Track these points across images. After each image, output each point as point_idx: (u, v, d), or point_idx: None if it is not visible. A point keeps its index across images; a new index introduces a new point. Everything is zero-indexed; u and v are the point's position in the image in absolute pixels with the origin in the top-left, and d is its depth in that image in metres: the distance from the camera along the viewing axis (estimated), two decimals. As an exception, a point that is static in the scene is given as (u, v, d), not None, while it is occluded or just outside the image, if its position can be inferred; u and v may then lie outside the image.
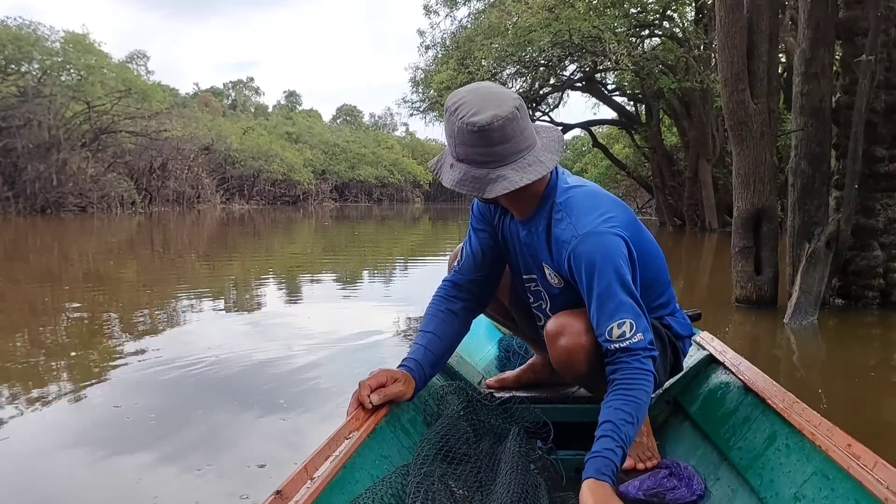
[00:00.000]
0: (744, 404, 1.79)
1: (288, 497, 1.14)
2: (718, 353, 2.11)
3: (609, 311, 1.59)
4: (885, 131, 6.01)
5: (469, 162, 1.58)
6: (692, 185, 19.20)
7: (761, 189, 6.00)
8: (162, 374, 3.74)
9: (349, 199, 56.47)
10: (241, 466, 2.46)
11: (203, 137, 36.80)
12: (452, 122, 1.58)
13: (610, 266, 1.60)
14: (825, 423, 1.42)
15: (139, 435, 2.82)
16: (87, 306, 5.99)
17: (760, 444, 1.60)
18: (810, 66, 5.84)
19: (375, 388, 1.60)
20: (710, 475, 1.71)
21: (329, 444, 1.37)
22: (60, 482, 2.37)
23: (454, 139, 1.59)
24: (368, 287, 7.95)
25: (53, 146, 25.23)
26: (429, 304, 1.89)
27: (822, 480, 1.33)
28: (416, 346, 1.79)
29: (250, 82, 79.03)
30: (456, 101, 1.58)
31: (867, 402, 3.60)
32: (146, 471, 2.42)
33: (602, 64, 17.65)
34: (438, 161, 1.69)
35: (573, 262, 1.64)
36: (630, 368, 1.58)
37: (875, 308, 6.02)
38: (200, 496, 2.21)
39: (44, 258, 10.70)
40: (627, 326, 1.59)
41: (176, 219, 24.17)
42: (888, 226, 6.04)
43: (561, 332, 1.68)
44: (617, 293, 1.60)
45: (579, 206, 1.68)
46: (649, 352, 1.61)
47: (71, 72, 27.18)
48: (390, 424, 1.67)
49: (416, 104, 23.19)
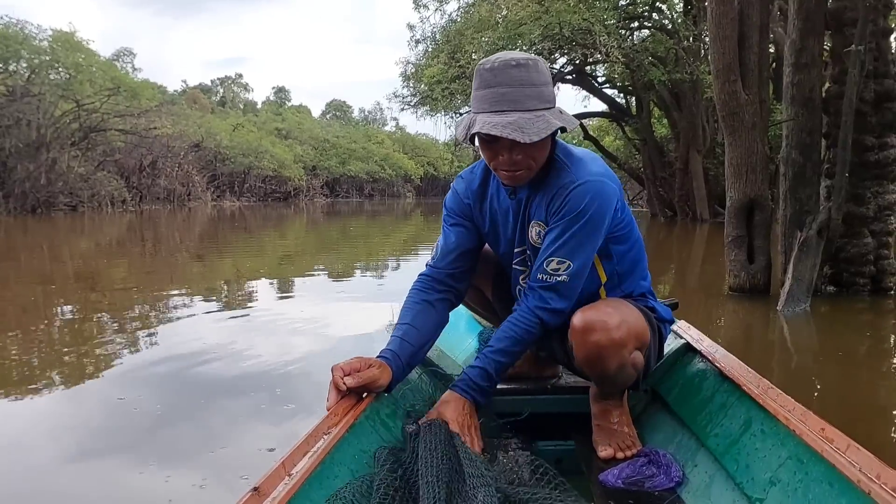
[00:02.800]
0: (720, 391, 1.81)
1: (265, 494, 1.13)
2: (695, 341, 2.12)
3: (566, 248, 1.67)
4: (875, 120, 6.08)
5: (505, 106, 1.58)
6: (683, 176, 19.30)
7: (753, 179, 6.06)
8: (158, 369, 3.77)
9: (340, 194, 56.33)
10: (250, 451, 2.50)
11: (193, 135, 36.57)
12: (489, 70, 1.60)
13: (597, 216, 1.67)
14: (799, 407, 1.44)
15: (143, 424, 2.86)
16: (79, 306, 5.98)
17: (736, 430, 1.62)
18: (800, 56, 5.89)
19: (349, 372, 1.58)
20: (687, 462, 1.73)
21: (307, 440, 1.35)
22: (60, 476, 2.40)
23: (490, 86, 1.60)
24: (361, 282, 7.96)
25: (43, 145, 25.04)
26: (406, 297, 1.88)
27: (797, 464, 1.36)
28: (393, 338, 1.77)
29: (239, 79, 78.81)
30: (487, 59, 1.63)
31: (858, 387, 3.66)
32: (150, 457, 2.46)
33: (592, 56, 17.66)
34: (466, 126, 1.65)
35: (566, 202, 1.67)
36: (528, 309, 1.71)
37: (866, 295, 6.11)
38: (206, 476, 2.25)
39: (34, 258, 10.66)
40: (565, 268, 1.68)
41: (167, 217, 24.08)
42: (878, 213, 6.12)
43: (592, 328, 1.66)
44: (585, 243, 1.68)
45: (581, 158, 1.73)
46: (557, 301, 1.71)
47: (59, 70, 26.95)
48: (370, 419, 1.65)
49: (408, 98, 23.17)
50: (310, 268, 9.44)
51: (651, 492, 1.62)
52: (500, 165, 1.67)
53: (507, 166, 1.66)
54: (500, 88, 1.58)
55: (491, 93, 1.59)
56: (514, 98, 1.57)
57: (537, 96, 1.59)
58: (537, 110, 1.58)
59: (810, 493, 1.27)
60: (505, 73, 1.57)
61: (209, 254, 11.53)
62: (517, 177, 1.69)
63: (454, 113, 22.32)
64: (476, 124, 1.58)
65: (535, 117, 1.57)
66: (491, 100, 1.58)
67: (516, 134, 1.54)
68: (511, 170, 1.66)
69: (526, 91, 1.58)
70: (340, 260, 10.66)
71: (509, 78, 1.57)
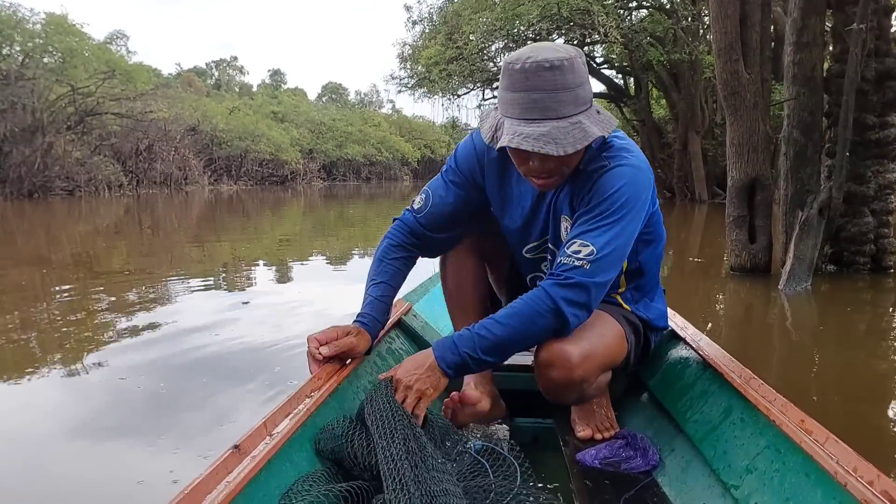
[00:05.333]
0: (702, 379, 1.82)
1: (246, 452, 1.15)
2: (680, 328, 2.12)
3: (589, 234, 1.48)
4: (876, 99, 6.07)
5: (537, 115, 1.41)
6: (681, 157, 19.25)
7: (755, 158, 6.05)
8: (159, 350, 3.80)
9: (338, 178, 56.08)
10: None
11: (189, 118, 36.34)
12: (521, 71, 1.42)
13: (630, 202, 1.50)
14: (780, 398, 1.44)
15: (146, 402, 2.88)
16: (77, 289, 5.98)
17: (716, 417, 1.63)
18: (802, 35, 5.87)
19: (325, 341, 1.56)
20: (665, 446, 1.74)
21: (290, 402, 1.37)
22: (66, 452, 2.42)
23: (520, 90, 1.42)
24: (360, 264, 7.95)
25: (38, 129, 24.86)
26: (380, 247, 1.77)
27: (774, 454, 1.36)
28: (370, 299, 1.69)
29: (234, 61, 78.18)
30: (517, 56, 1.44)
31: (858, 365, 3.70)
32: (155, 434, 2.49)
33: (591, 37, 17.57)
34: (492, 127, 1.49)
35: (595, 186, 1.53)
36: (538, 296, 1.46)
37: (866, 273, 6.13)
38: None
39: (32, 242, 10.64)
40: (587, 253, 1.46)
41: (164, 201, 23.99)
42: (879, 192, 6.13)
43: (551, 363, 1.54)
44: (612, 229, 1.48)
45: (617, 147, 1.58)
46: (576, 291, 1.45)
47: (53, 54, 26.76)
48: (352, 384, 1.67)
49: (405, 80, 23.05)
50: (309, 251, 9.44)
51: (627, 473, 1.64)
52: (530, 172, 1.53)
53: (538, 174, 1.52)
54: (532, 94, 1.41)
55: (521, 98, 1.42)
56: (547, 105, 1.41)
57: (573, 100, 1.43)
58: (573, 116, 1.42)
59: (786, 482, 1.28)
60: (538, 77, 1.40)
61: (208, 237, 11.51)
62: (550, 184, 1.55)
63: (451, 95, 22.23)
64: (505, 132, 1.43)
65: (570, 125, 1.41)
66: (521, 105, 1.43)
67: (549, 147, 1.39)
68: (543, 178, 1.53)
69: (560, 96, 1.41)
70: (339, 243, 10.66)
71: (542, 82, 1.40)
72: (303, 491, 1.20)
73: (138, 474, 2.23)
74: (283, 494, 1.19)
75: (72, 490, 2.19)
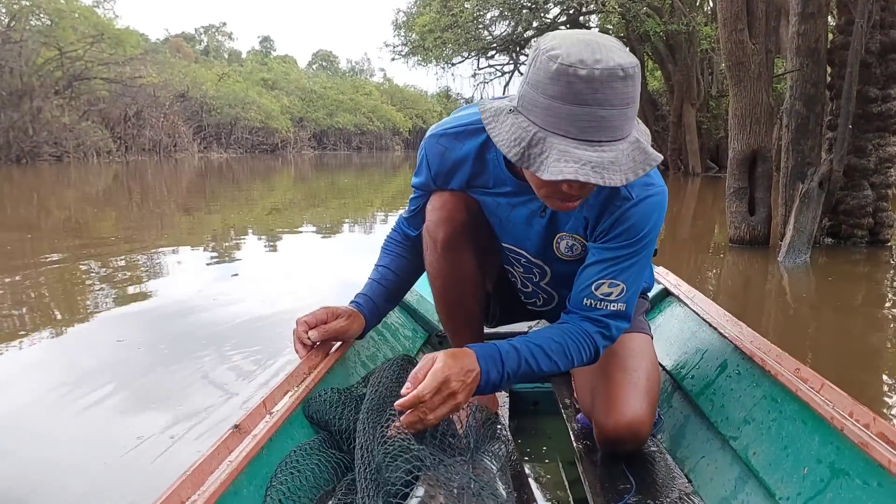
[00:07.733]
0: (697, 334, 1.84)
1: (246, 431, 1.16)
2: (673, 286, 2.15)
3: (616, 269, 1.37)
4: (880, 72, 6.03)
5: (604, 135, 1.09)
6: (676, 129, 19.19)
7: (757, 130, 6.02)
8: (153, 318, 3.81)
9: (328, 147, 55.71)
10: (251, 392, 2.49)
11: (178, 84, 35.92)
12: (586, 80, 1.06)
13: (656, 233, 1.41)
14: (775, 349, 1.46)
15: (143, 366, 2.89)
16: (68, 256, 5.91)
17: (712, 372, 1.65)
18: (807, 6, 5.81)
19: (314, 325, 1.51)
20: (663, 403, 1.76)
21: (288, 380, 1.37)
22: (71, 410, 2.40)
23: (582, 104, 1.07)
24: (351, 234, 7.90)
25: (26, 94, 24.51)
26: (385, 239, 1.75)
27: (771, 403, 1.38)
28: (370, 282, 1.67)
29: (223, 27, 77.32)
30: (576, 56, 1.07)
31: (854, 335, 3.76)
32: (153, 397, 2.49)
33: (587, 6, 17.38)
34: (525, 143, 1.12)
35: (624, 222, 1.36)
36: (584, 341, 1.37)
37: (864, 246, 6.16)
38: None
39: (21, 208, 10.51)
40: (619, 292, 1.37)
41: (154, 168, 23.75)
42: (879, 166, 6.12)
43: (623, 439, 1.51)
44: (635, 264, 1.38)
45: None
46: (608, 334, 1.40)
47: (41, 16, 26.29)
48: (351, 361, 1.68)
49: (398, 48, 22.80)
50: (299, 221, 9.37)
51: None
52: (553, 194, 1.23)
53: (570, 199, 1.23)
54: (600, 110, 1.07)
55: (585, 114, 1.07)
56: (615, 125, 1.09)
57: (634, 115, 1.14)
58: (631, 134, 1.14)
59: (784, 431, 1.30)
60: (610, 89, 1.06)
61: (198, 206, 11.42)
62: (571, 207, 1.26)
63: (446, 63, 21.99)
64: (556, 156, 1.08)
65: (629, 146, 1.12)
66: (582, 123, 1.08)
67: (616, 178, 1.09)
68: (573, 201, 1.24)
69: (629, 112, 1.11)
70: (329, 213, 10.59)
71: (614, 95, 1.07)
72: (295, 462, 1.21)
73: (136, 431, 2.24)
74: (278, 465, 1.19)
75: (77, 438, 2.20)
